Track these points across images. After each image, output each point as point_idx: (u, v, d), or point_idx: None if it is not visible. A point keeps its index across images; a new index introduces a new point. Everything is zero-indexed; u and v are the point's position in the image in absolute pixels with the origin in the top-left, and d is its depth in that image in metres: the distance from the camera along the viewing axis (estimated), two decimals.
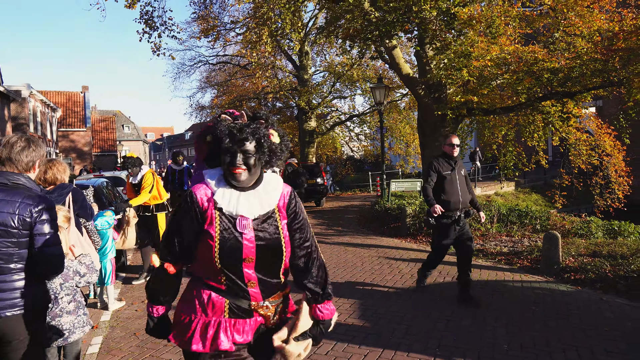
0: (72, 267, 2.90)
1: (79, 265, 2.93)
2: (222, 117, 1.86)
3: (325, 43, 18.73)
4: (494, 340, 3.90)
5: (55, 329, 2.81)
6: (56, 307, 2.84)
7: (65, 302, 2.87)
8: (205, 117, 29.55)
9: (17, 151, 2.39)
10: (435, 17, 9.30)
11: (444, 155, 5.14)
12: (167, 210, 6.58)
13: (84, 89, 40.53)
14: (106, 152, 43.85)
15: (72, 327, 2.86)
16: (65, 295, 2.87)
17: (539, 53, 9.51)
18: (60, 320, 2.83)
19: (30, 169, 2.45)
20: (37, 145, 2.48)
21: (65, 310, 2.86)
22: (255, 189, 1.85)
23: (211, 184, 1.83)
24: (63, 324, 2.83)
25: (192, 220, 1.80)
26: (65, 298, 2.87)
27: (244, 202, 1.81)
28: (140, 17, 11.65)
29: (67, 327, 2.84)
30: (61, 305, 2.85)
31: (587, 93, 9.94)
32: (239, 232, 1.78)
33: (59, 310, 2.84)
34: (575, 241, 7.36)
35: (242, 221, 1.79)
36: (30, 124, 27.24)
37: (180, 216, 1.83)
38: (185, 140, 66.80)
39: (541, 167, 14.39)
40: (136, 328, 4.49)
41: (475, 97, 10.12)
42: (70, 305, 2.89)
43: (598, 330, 4.07)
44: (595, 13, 9.95)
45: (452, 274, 6.10)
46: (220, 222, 1.78)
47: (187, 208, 1.81)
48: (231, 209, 1.79)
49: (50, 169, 3.55)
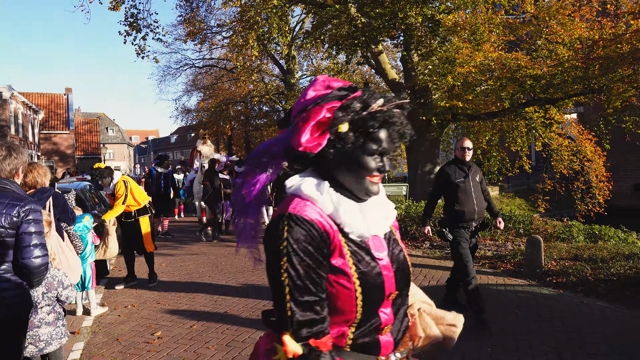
0: (58, 277, 2.84)
1: (64, 276, 2.88)
2: None
3: (312, 47, 18.80)
4: (478, 344, 3.94)
5: (32, 339, 2.73)
6: (35, 316, 2.76)
7: (45, 312, 2.80)
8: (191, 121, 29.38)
9: None
10: (420, 24, 9.41)
11: (455, 161, 4.60)
12: (149, 213, 6.22)
13: (67, 91, 39.92)
14: (90, 155, 43.18)
15: (49, 338, 2.79)
16: (45, 305, 2.80)
17: (522, 60, 9.68)
18: (37, 332, 2.76)
19: (14, 176, 2.53)
20: (18, 153, 2.55)
21: (45, 321, 2.79)
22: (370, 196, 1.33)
23: (319, 199, 1.24)
24: (40, 335, 2.76)
25: (317, 259, 1.18)
26: (45, 308, 2.80)
27: (370, 216, 1.30)
28: (124, 19, 11.54)
29: (44, 338, 2.77)
30: (40, 316, 2.78)
31: (569, 100, 10.15)
32: (375, 259, 1.27)
33: (37, 321, 2.77)
34: (557, 245, 7.48)
35: (376, 243, 1.30)
36: (11, 126, 26.72)
37: (298, 258, 1.15)
38: (171, 144, 66.22)
39: (524, 172, 14.61)
40: (118, 334, 4.43)
41: (460, 102, 10.26)
42: (50, 317, 2.82)
43: (580, 332, 4.13)
44: (576, 22, 10.18)
45: (437, 277, 6.15)
46: (351, 251, 1.24)
47: (307, 240, 1.17)
48: (362, 229, 1.26)
49: (31, 172, 3.49)
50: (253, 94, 22.34)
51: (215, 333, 4.35)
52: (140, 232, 6.10)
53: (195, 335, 4.32)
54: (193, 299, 5.55)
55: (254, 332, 4.32)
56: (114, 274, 7.05)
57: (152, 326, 4.61)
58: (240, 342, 4.11)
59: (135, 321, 4.79)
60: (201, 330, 4.45)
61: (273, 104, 23.03)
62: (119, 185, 5.85)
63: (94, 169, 5.92)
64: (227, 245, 9.29)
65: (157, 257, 7.90)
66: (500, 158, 13.01)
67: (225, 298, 5.51)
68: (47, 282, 2.77)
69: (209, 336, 4.28)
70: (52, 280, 2.80)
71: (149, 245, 6.15)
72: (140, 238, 6.11)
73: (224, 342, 4.11)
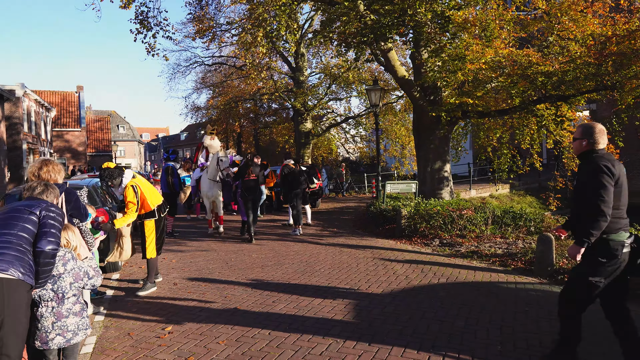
0: (84, 267, 2.91)
1: (89, 267, 2.95)
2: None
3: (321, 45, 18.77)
4: (488, 341, 3.93)
5: (60, 330, 2.79)
6: (62, 306, 2.82)
7: (72, 302, 2.87)
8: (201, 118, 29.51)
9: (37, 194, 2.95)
10: (430, 20, 9.35)
11: (608, 155, 3.27)
12: (156, 216, 5.81)
13: (78, 89, 40.37)
14: (101, 152, 43.68)
15: (76, 328, 2.85)
16: (72, 295, 2.87)
17: (533, 57, 9.58)
18: (66, 322, 2.82)
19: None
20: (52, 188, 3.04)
21: (72, 311, 2.86)
22: None
23: None
24: (68, 325, 2.82)
25: None
26: (72, 299, 2.87)
27: None
28: (135, 17, 11.63)
29: (71, 328, 2.83)
30: (67, 306, 2.84)
31: (581, 96, 10.02)
32: None
33: (65, 311, 2.83)
34: (568, 243, 7.41)
35: None
36: (24, 124, 27.06)
37: None
38: (181, 141, 66.60)
39: (535, 170, 14.46)
40: (130, 328, 4.48)
41: (470, 99, 10.18)
42: (76, 307, 2.89)
43: (592, 332, 4.09)
44: (589, 17, 10.04)
45: (447, 275, 6.13)
46: None
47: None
48: None
49: (46, 166, 3.55)
50: (262, 92, 22.38)
51: (225, 328, 4.39)
52: (144, 236, 5.78)
53: (205, 330, 4.36)
54: (203, 294, 5.59)
55: (263, 328, 4.35)
56: (125, 269, 7.13)
57: (163, 321, 4.66)
58: (250, 337, 4.14)
59: (146, 316, 4.84)
60: (211, 325, 4.49)
61: (282, 102, 23.06)
62: (127, 192, 5.49)
63: (103, 169, 5.62)
64: (236, 242, 9.34)
65: (167, 254, 7.99)
66: (511, 155, 12.90)
67: (235, 294, 5.55)
68: (74, 273, 2.84)
69: (219, 331, 4.32)
70: (79, 271, 2.87)
71: (150, 251, 5.80)
72: (144, 240, 5.80)
73: (233, 338, 4.14)
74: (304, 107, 19.63)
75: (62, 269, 2.83)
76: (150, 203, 5.69)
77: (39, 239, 2.66)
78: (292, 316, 4.67)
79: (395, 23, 9.41)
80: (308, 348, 3.86)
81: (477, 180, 19.58)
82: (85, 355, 3.84)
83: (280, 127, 25.38)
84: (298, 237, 9.65)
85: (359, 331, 4.21)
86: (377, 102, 12.46)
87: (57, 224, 2.78)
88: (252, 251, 8.27)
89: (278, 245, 8.81)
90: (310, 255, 7.74)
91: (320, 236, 9.81)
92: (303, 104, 19.46)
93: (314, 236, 9.80)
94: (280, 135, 25.37)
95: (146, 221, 5.76)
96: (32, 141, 28.78)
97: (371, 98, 12.55)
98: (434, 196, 11.20)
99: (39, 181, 3.11)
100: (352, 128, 24.09)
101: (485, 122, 12.58)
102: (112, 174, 5.55)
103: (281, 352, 3.80)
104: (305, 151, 20.27)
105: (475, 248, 7.72)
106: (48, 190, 3.00)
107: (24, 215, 2.71)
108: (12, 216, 2.70)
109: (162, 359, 3.76)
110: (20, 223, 2.67)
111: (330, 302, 5.10)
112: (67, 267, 2.85)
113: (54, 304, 2.81)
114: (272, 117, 26.88)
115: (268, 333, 4.23)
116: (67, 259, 2.86)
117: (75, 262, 2.90)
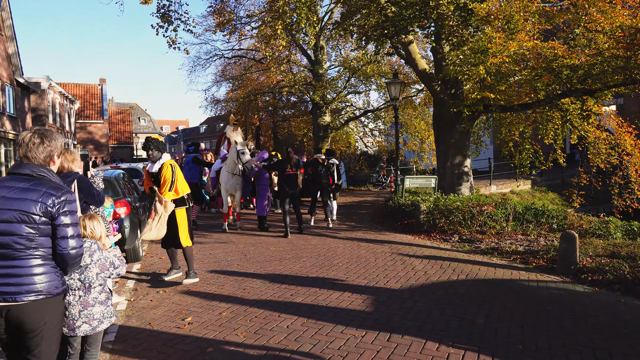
0: (109, 258, 2.98)
1: (114, 257, 3.01)
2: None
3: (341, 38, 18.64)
4: (509, 339, 3.87)
5: (86, 318, 2.86)
6: (88, 295, 2.89)
7: (97, 291, 2.93)
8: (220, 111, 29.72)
9: (32, 148, 2.42)
10: (452, 13, 9.18)
11: None
12: (187, 205, 5.80)
13: (101, 82, 41.07)
14: (123, 144, 44.40)
15: (101, 317, 2.93)
16: (98, 285, 2.94)
17: (559, 49, 9.34)
18: (92, 310, 2.89)
19: (49, 162, 2.49)
20: (51, 139, 2.48)
21: (98, 300, 2.93)
22: None
23: None
24: (94, 314, 2.89)
25: None
26: (98, 288, 2.94)
27: None
28: (157, 11, 11.72)
29: (97, 316, 2.90)
30: (93, 295, 2.91)
31: (608, 90, 9.74)
32: None
33: (91, 300, 2.90)
34: (593, 241, 7.24)
35: None
36: (49, 116, 27.68)
37: None
38: (200, 133, 67.22)
39: (558, 166, 14.15)
40: (151, 318, 4.56)
41: (492, 93, 9.99)
42: (102, 296, 2.95)
43: (616, 332, 4.00)
44: (618, 9, 9.72)
45: (466, 272, 6.06)
46: None
47: None
48: None
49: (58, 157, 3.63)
50: (281, 85, 22.37)
51: (244, 320, 4.42)
52: (177, 225, 5.70)
53: (224, 322, 4.41)
54: (222, 286, 5.65)
55: (282, 321, 4.37)
56: (145, 260, 7.25)
57: (183, 312, 4.72)
58: (268, 330, 4.17)
59: (166, 306, 4.92)
60: (230, 317, 4.53)
61: (301, 95, 23.00)
62: (166, 168, 5.56)
63: (150, 138, 5.67)
64: (255, 234, 9.40)
65: None
66: (534, 151, 12.64)
67: (254, 286, 5.59)
68: (100, 263, 2.91)
69: (238, 323, 4.35)
70: (105, 262, 2.94)
71: (185, 240, 5.75)
72: (176, 231, 5.71)
73: (252, 330, 4.17)
74: (322, 101, 19.56)
75: (89, 260, 2.88)
76: (180, 188, 5.68)
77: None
78: (310, 310, 4.67)
79: (416, 15, 9.27)
80: (326, 342, 3.87)
81: (498, 176, 19.26)
82: (107, 344, 3.93)
83: (299, 120, 25.34)
84: (316, 231, 9.65)
85: (377, 326, 4.20)
86: (397, 95, 12.34)
87: None
88: (270, 244, 8.31)
89: (296, 238, 8.83)
90: (328, 249, 7.74)
91: (339, 230, 9.80)
92: (322, 97, 19.39)
93: (332, 230, 9.79)
94: (299, 128, 25.35)
95: (178, 210, 5.71)
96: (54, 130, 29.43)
97: (391, 91, 12.43)
98: (453, 191, 11.07)
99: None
100: (370, 122, 23.93)
101: (508, 116, 12.34)
102: (158, 145, 5.64)
103: (299, 345, 3.81)
104: (323, 144, 20.22)
105: (495, 245, 7.61)
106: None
107: None
108: None
109: (181, 349, 3.81)
110: None
111: (348, 297, 5.09)
112: (94, 258, 2.90)
113: (81, 292, 2.88)
114: (291, 110, 26.86)
115: (286, 326, 4.25)
116: (94, 250, 2.92)
117: (102, 252, 2.96)
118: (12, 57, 21.81)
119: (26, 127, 23.64)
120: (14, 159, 21.66)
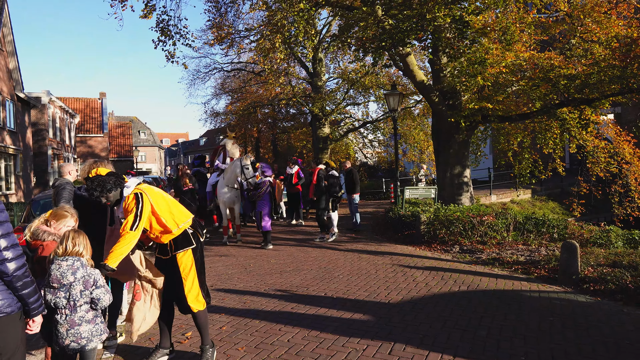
0: (94, 275, 2.93)
1: (99, 275, 2.96)
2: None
3: (339, 50, 18.80)
4: (512, 351, 3.84)
5: (73, 337, 2.84)
6: (74, 314, 2.86)
7: (84, 310, 2.89)
8: (220, 123, 29.83)
9: None
10: (448, 25, 9.27)
11: None
12: (192, 244, 3.72)
13: (101, 96, 41.29)
14: (123, 158, 44.50)
15: (90, 335, 2.89)
16: (84, 303, 2.90)
17: (555, 59, 9.43)
18: (79, 329, 2.85)
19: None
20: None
21: (85, 318, 2.89)
22: None
23: None
24: (82, 333, 2.86)
25: None
26: (84, 306, 2.90)
27: None
28: (156, 25, 11.83)
29: (85, 335, 2.87)
30: (79, 314, 2.87)
31: (605, 100, 9.79)
32: None
33: (77, 319, 2.86)
34: (594, 251, 7.22)
35: None
36: (49, 130, 27.78)
37: None
38: (200, 146, 67.38)
39: (558, 175, 14.16)
40: (151, 333, 4.52)
41: (490, 104, 10.05)
42: (89, 314, 2.92)
43: (619, 343, 3.97)
44: (613, 19, 9.83)
45: (468, 283, 6.03)
46: None
47: None
48: None
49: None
50: (280, 97, 22.50)
51: (244, 335, 4.39)
52: (180, 278, 3.65)
53: (224, 336, 4.37)
54: (222, 300, 5.62)
55: (283, 334, 4.34)
56: None
57: (182, 327, 4.69)
58: (269, 344, 4.13)
59: None
60: (230, 331, 4.50)
61: (300, 107, 23.13)
62: (128, 200, 3.46)
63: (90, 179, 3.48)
64: (255, 247, 9.37)
65: None
66: (533, 160, 12.67)
67: (254, 300, 5.56)
68: (84, 280, 2.86)
69: (239, 337, 4.32)
70: (89, 279, 2.89)
71: (194, 300, 3.65)
72: (181, 289, 3.64)
73: (253, 344, 4.14)
74: (321, 112, 19.66)
75: (72, 278, 2.84)
76: (172, 222, 3.58)
77: None
78: (311, 323, 4.64)
79: (413, 28, 9.35)
80: (327, 356, 3.84)
81: (498, 185, 19.27)
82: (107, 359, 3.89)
83: (298, 132, 25.46)
84: (316, 243, 9.62)
85: (378, 339, 4.17)
86: (395, 106, 12.40)
87: None
88: (270, 257, 8.28)
89: (296, 250, 8.81)
90: (328, 261, 7.71)
91: (338, 241, 9.78)
92: (321, 109, 19.49)
93: (333, 242, 9.76)
94: (298, 140, 25.45)
95: (179, 255, 3.66)
96: (57, 147, 29.51)
97: (389, 103, 12.49)
98: (453, 202, 11.06)
99: None
100: (370, 133, 24.03)
101: (506, 126, 12.39)
102: (102, 184, 3.44)
103: (301, 359, 3.78)
104: (323, 156, 20.27)
105: (496, 255, 7.59)
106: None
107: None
108: None
109: None
110: None
111: (349, 309, 5.06)
112: (77, 276, 2.86)
113: (67, 311, 2.85)
114: (290, 122, 26.98)
115: (287, 340, 4.22)
116: (77, 267, 2.87)
117: (86, 269, 2.91)
118: (12, 72, 21.97)
119: (26, 141, 23.71)
120: (14, 173, 21.68)
